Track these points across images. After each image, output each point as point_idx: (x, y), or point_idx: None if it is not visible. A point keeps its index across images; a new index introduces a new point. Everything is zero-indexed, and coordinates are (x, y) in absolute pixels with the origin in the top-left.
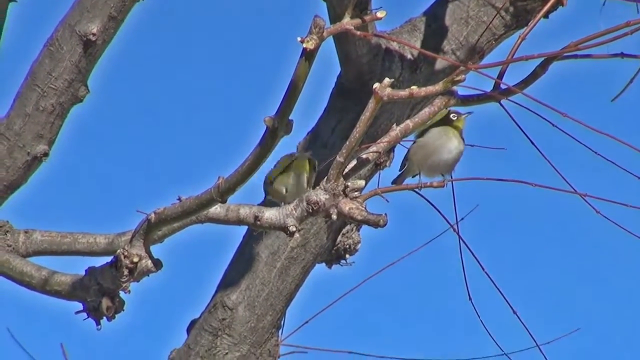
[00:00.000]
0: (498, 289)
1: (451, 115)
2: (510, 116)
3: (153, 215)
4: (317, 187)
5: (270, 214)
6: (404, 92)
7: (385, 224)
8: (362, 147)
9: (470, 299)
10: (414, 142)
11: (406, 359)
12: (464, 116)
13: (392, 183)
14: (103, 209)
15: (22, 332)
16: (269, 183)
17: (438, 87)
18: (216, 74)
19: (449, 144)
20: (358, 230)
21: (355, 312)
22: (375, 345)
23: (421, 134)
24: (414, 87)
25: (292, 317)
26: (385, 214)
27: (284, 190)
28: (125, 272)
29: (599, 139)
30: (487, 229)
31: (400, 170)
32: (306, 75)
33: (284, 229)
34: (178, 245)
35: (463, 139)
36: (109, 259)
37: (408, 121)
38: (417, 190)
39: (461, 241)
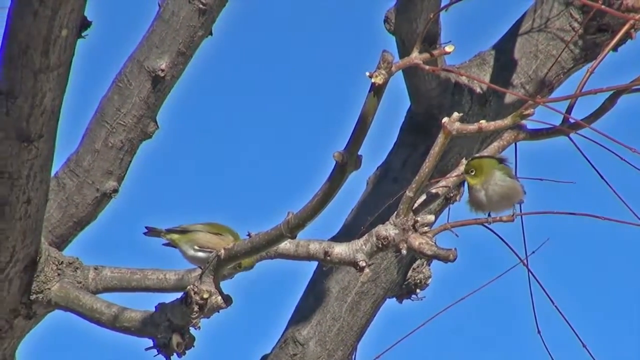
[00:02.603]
0: (568, 322)
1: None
2: (580, 150)
3: (223, 251)
4: (387, 222)
5: (340, 250)
6: (472, 127)
7: (455, 259)
8: (431, 181)
9: (539, 332)
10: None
11: None
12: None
13: None
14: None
15: None
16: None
17: (507, 121)
18: (286, 110)
19: (479, 196)
20: (428, 265)
21: (427, 346)
22: None
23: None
24: (482, 121)
25: (364, 353)
26: (455, 249)
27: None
28: (196, 308)
29: None
30: (557, 263)
31: None
32: (375, 110)
33: (354, 264)
34: (248, 281)
35: (508, 172)
36: (179, 295)
37: (477, 155)
38: (486, 224)
39: (531, 275)
